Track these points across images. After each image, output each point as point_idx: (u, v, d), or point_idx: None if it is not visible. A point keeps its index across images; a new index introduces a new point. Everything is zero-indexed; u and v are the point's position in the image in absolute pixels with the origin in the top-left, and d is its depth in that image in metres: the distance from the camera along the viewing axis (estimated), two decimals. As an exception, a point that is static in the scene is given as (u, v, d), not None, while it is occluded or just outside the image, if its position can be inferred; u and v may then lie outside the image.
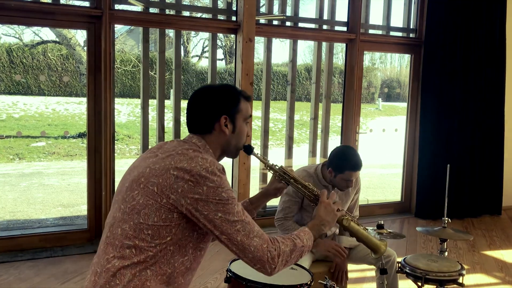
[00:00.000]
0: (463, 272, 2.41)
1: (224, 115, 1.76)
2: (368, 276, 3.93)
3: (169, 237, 1.64)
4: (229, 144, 1.81)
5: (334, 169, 2.86)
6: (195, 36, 23.60)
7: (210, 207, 1.60)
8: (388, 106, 24.64)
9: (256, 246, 1.62)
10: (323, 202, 1.89)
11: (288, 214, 2.92)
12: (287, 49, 5.21)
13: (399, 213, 5.86)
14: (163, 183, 1.62)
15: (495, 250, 4.66)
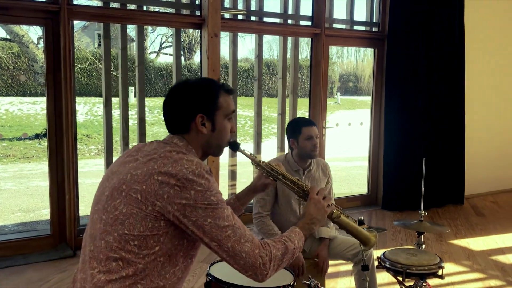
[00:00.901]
0: (442, 264, 2.43)
1: (200, 114, 1.64)
2: (342, 271, 3.93)
3: (157, 247, 1.53)
4: (209, 143, 1.69)
5: (293, 136, 2.89)
6: (152, 32, 23.17)
7: (199, 213, 1.50)
8: (347, 100, 25.05)
9: (247, 252, 1.53)
10: (312, 199, 1.79)
11: (264, 206, 2.87)
12: (248, 44, 5.14)
13: (366, 206, 5.92)
14: (147, 189, 1.51)
15: (461, 239, 4.76)
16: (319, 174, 3.02)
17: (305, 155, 2.91)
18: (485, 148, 6.48)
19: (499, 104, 6.61)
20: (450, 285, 3.67)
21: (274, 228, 2.83)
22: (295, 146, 2.90)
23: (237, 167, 5.28)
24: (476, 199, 6.33)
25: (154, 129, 14.28)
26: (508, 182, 6.84)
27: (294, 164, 2.93)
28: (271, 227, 2.83)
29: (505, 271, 4.00)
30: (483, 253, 4.39)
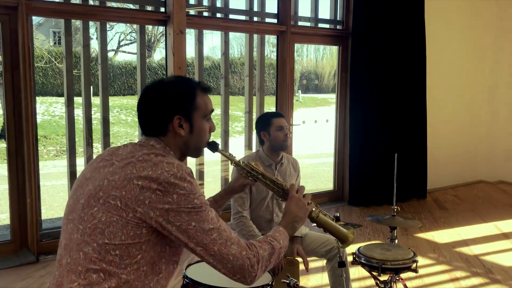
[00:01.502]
0: (416, 258, 2.46)
1: (177, 115, 1.57)
2: (313, 268, 3.94)
3: (140, 255, 1.46)
4: (187, 145, 1.62)
5: (264, 128, 2.91)
6: (110, 30, 22.66)
7: (183, 217, 1.44)
8: (308, 97, 25.30)
9: (235, 255, 1.48)
10: (293, 198, 1.75)
11: (243, 205, 2.84)
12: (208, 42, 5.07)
13: (333, 202, 5.98)
14: (126, 195, 1.43)
15: (426, 232, 4.88)
16: (290, 169, 3.03)
17: (277, 146, 2.91)
18: (445, 144, 6.67)
19: (459, 101, 6.81)
20: (419, 278, 3.75)
21: (254, 230, 2.81)
22: (266, 139, 2.91)
23: (204, 166, 5.22)
24: (438, 193, 6.50)
25: (114, 129, 13.97)
26: (467, 176, 7.07)
27: (266, 159, 2.93)
28: (252, 228, 2.80)
29: (469, 262, 4.12)
30: (447, 246, 4.51)
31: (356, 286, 3.59)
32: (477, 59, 6.94)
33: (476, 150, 7.14)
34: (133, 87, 19.41)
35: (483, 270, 3.95)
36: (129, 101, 17.84)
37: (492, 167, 7.11)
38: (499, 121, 7.05)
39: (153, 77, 19.15)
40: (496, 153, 7.07)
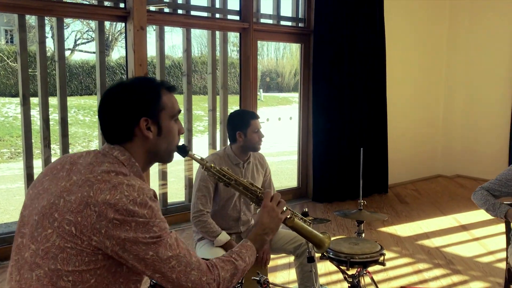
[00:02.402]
0: (383, 251, 2.48)
1: (144, 117, 1.46)
2: (280, 264, 3.95)
3: (93, 279, 1.37)
4: (157, 149, 1.52)
5: (241, 129, 2.84)
6: (66, 28, 22.03)
7: (140, 247, 1.35)
8: (269, 96, 25.41)
9: (194, 281, 1.41)
10: (266, 207, 1.66)
11: (206, 204, 2.79)
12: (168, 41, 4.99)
13: (298, 198, 6.02)
14: (82, 222, 1.34)
15: (388, 226, 4.97)
16: (257, 166, 3.01)
17: (251, 147, 2.88)
18: (405, 140, 6.83)
19: (417, 98, 6.99)
20: (384, 271, 3.80)
21: (215, 226, 2.76)
22: (241, 139, 2.85)
23: (167, 166, 5.13)
24: (398, 188, 6.64)
25: (72, 130, 13.57)
26: (426, 171, 7.26)
27: (234, 157, 2.89)
28: (212, 225, 2.75)
29: (431, 254, 4.22)
30: (410, 239, 4.61)
31: (323, 281, 3.61)
32: (434, 57, 7.14)
33: (434, 146, 7.34)
34: (91, 87, 18.92)
35: (444, 261, 4.05)
36: (86, 101, 17.38)
37: (450, 162, 7.33)
38: (455, 118, 7.27)
39: (112, 76, 18.74)
40: (453, 148, 7.29)
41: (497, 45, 6.74)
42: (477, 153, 7.02)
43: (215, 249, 2.69)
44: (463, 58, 7.10)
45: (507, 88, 6.62)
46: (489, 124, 6.90)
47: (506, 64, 6.62)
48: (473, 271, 3.84)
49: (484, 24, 6.84)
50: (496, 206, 2.73)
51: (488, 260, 4.09)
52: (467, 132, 7.14)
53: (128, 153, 1.48)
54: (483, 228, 4.90)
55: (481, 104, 6.98)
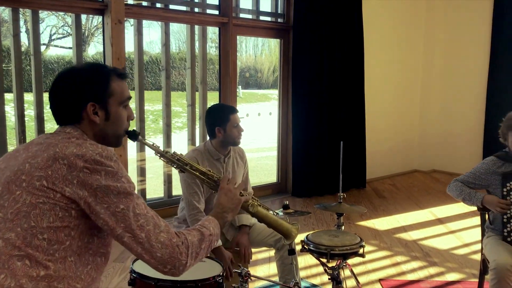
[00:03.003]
0: (363, 243, 2.51)
1: (91, 102, 1.50)
2: (260, 259, 3.96)
3: (68, 242, 1.39)
4: (104, 133, 1.55)
5: (220, 124, 2.81)
6: (41, 23, 21.60)
7: (111, 198, 1.39)
8: (248, 93, 25.40)
9: (163, 242, 1.42)
10: (223, 189, 1.72)
11: (199, 201, 2.75)
12: (146, 37, 4.94)
13: (277, 194, 6.04)
14: (53, 175, 1.37)
15: (367, 220, 5.03)
16: (238, 160, 2.99)
17: (231, 142, 2.86)
18: (382, 136, 6.91)
19: (394, 94, 7.08)
20: (362, 264, 3.85)
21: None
22: (221, 134, 2.82)
23: (145, 162, 5.09)
24: (376, 183, 6.72)
25: (48, 126, 13.34)
26: (403, 166, 7.37)
27: (215, 152, 2.86)
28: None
29: (408, 247, 4.28)
30: (387, 232, 4.67)
31: (303, 275, 3.63)
32: (411, 54, 7.23)
33: (411, 142, 7.45)
34: (67, 82, 18.59)
35: (421, 254, 4.12)
36: (62, 97, 17.09)
37: (426, 157, 7.45)
38: (431, 115, 7.39)
39: (88, 72, 18.44)
40: (429, 144, 7.41)
41: (472, 44, 6.87)
42: (453, 148, 7.15)
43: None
44: (440, 56, 7.22)
45: (481, 86, 6.75)
46: (464, 121, 7.04)
47: (481, 62, 6.74)
48: (449, 263, 3.92)
49: (460, 22, 6.96)
50: (472, 195, 2.79)
51: (464, 252, 4.17)
52: (443, 128, 7.27)
53: (80, 130, 1.51)
54: (458, 221, 5.00)
55: (457, 102, 7.10)
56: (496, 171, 2.80)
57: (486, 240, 2.84)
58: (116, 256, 3.91)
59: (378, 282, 3.55)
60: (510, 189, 2.66)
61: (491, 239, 2.78)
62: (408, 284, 3.51)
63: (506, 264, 2.47)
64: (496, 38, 6.51)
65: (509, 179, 2.67)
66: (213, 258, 2.22)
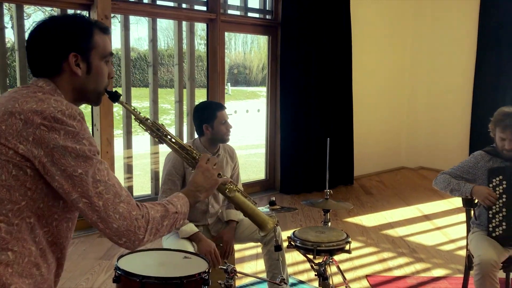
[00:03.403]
0: (349, 239, 2.51)
1: (73, 52, 1.42)
2: (247, 255, 3.95)
3: (24, 202, 1.31)
4: (85, 87, 1.46)
5: (208, 121, 2.79)
6: (27, 18, 21.34)
7: (68, 161, 1.29)
8: (237, 90, 25.37)
9: (122, 213, 1.33)
10: (201, 166, 1.64)
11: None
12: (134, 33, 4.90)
13: (265, 191, 6.03)
14: (7, 130, 1.28)
15: (354, 217, 5.05)
16: (227, 159, 2.98)
17: (219, 139, 2.84)
18: (370, 133, 6.94)
19: (382, 92, 7.10)
20: (349, 260, 3.86)
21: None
22: (209, 132, 2.80)
23: (132, 159, 5.05)
24: (363, 180, 6.75)
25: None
26: (391, 163, 7.40)
27: (203, 150, 2.83)
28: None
29: (395, 243, 4.31)
30: (374, 229, 4.69)
31: (290, 271, 3.63)
32: (399, 53, 7.26)
33: (398, 139, 7.49)
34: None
35: (408, 250, 4.14)
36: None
37: (413, 155, 7.50)
38: (419, 112, 7.44)
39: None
40: (417, 141, 7.46)
41: (459, 42, 6.91)
42: (440, 146, 7.20)
43: (181, 241, 2.65)
44: (427, 54, 7.26)
45: (468, 84, 6.79)
46: (451, 119, 7.09)
47: (467, 61, 6.79)
48: (435, 259, 3.95)
49: (447, 20, 7.00)
50: (461, 185, 2.79)
51: (450, 248, 4.21)
52: (430, 126, 7.32)
53: (53, 85, 1.42)
54: (444, 218, 5.04)
55: (444, 100, 7.15)
56: (483, 166, 2.82)
57: (471, 236, 2.86)
58: (102, 253, 3.88)
59: (364, 278, 3.56)
60: (496, 185, 2.68)
61: (476, 234, 2.80)
62: (395, 280, 3.53)
63: (490, 259, 2.49)
64: (483, 36, 6.56)
65: (495, 174, 2.69)
66: (199, 255, 2.21)
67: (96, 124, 4.43)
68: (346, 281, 2.90)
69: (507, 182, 2.64)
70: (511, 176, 2.63)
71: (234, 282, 2.25)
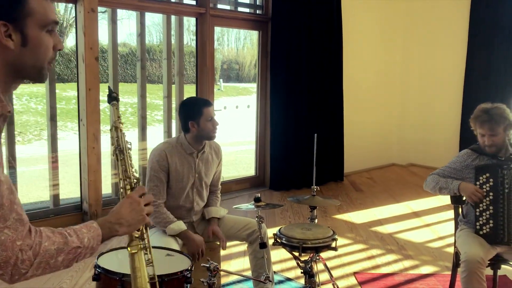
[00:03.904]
0: (335, 237, 2.48)
1: (2, 21, 1.18)
2: (235, 252, 3.91)
3: None
4: (20, 62, 1.23)
5: (193, 118, 2.71)
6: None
7: None
8: (229, 87, 25.30)
9: (3, 242, 1.13)
10: (131, 197, 1.42)
11: (158, 195, 2.69)
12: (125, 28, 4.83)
13: (255, 187, 5.99)
14: None
15: (343, 214, 5.02)
16: (212, 156, 2.91)
17: (205, 136, 2.76)
18: (360, 129, 6.92)
19: (373, 88, 7.08)
20: (337, 258, 3.83)
21: (169, 216, 2.67)
22: (195, 128, 2.72)
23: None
24: (354, 176, 6.74)
25: (23, 118, 13.07)
26: (381, 159, 7.40)
27: (188, 147, 2.76)
28: (166, 215, 2.66)
29: (384, 240, 4.29)
30: (364, 225, 4.67)
31: (277, 268, 3.60)
32: (391, 49, 7.24)
33: (389, 136, 7.47)
34: (44, 74, 18.18)
35: (396, 247, 4.12)
36: (39, 89, 16.75)
37: (404, 151, 7.49)
38: (410, 109, 7.43)
39: (66, 63, 18.13)
40: (407, 138, 7.45)
41: (450, 41, 6.90)
42: (430, 143, 7.20)
43: (167, 238, 2.60)
44: (419, 53, 7.24)
45: (458, 82, 6.79)
46: (441, 116, 7.08)
47: (458, 59, 6.78)
48: (424, 256, 3.93)
49: (439, 19, 6.99)
50: (448, 182, 2.78)
51: (438, 245, 4.20)
52: (421, 123, 7.31)
53: None
54: (434, 215, 5.03)
55: (435, 97, 7.15)
56: (470, 164, 2.80)
57: (459, 233, 2.84)
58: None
59: (352, 276, 3.54)
60: (483, 182, 2.66)
61: (463, 232, 2.78)
62: (383, 278, 3.51)
63: (476, 256, 2.47)
64: (473, 34, 6.55)
65: (482, 172, 2.67)
66: (182, 252, 2.16)
67: (82, 119, 4.37)
68: (333, 278, 2.86)
69: (493, 180, 2.62)
70: (498, 173, 2.61)
71: (218, 280, 2.22)
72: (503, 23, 6.25)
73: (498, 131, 2.68)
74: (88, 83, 4.29)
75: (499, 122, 2.67)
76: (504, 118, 2.68)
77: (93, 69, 4.30)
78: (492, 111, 2.69)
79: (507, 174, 2.60)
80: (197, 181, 2.80)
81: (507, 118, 2.69)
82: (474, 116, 2.78)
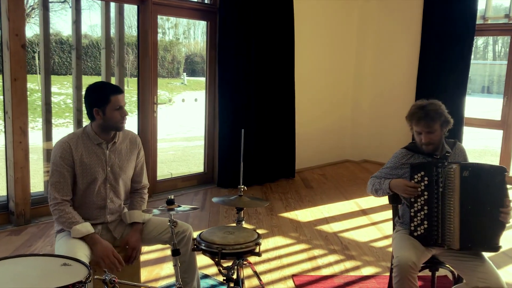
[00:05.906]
0: (259, 241, 2.30)
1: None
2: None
3: None
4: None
5: (99, 105, 2.44)
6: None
7: None
8: (193, 80, 24.93)
9: None
10: None
11: (61, 191, 2.42)
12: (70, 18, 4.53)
13: (203, 184, 5.78)
14: None
15: (290, 212, 4.87)
16: (127, 146, 2.64)
17: (112, 126, 2.50)
18: (313, 125, 6.79)
19: (325, 84, 6.96)
20: (278, 259, 3.67)
21: (75, 216, 2.41)
22: (99, 117, 2.46)
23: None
24: (306, 173, 6.60)
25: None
26: (335, 156, 7.30)
27: (94, 137, 2.51)
28: (71, 215, 2.40)
29: (328, 240, 4.15)
30: (309, 224, 4.53)
31: (213, 272, 3.40)
32: (343, 46, 7.13)
33: (343, 132, 7.38)
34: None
35: (340, 247, 3.99)
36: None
37: (357, 148, 7.42)
38: (363, 105, 7.35)
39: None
40: (361, 134, 7.38)
41: (403, 38, 6.83)
42: (383, 139, 7.14)
43: (73, 241, 2.34)
44: (372, 49, 7.16)
45: (411, 79, 6.73)
46: (394, 113, 7.01)
47: (411, 57, 6.73)
48: (367, 256, 3.82)
49: (392, 16, 6.91)
50: (381, 183, 2.68)
51: (383, 244, 4.09)
52: (375, 119, 7.24)
53: None
54: (381, 213, 4.94)
55: (388, 93, 7.09)
56: (406, 163, 2.69)
57: (394, 235, 2.72)
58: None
59: (290, 279, 3.37)
60: (418, 181, 2.53)
61: (398, 234, 2.66)
62: (321, 280, 3.36)
63: (408, 261, 2.34)
64: (426, 32, 6.48)
65: (417, 170, 2.55)
66: (79, 261, 1.92)
67: (8, 111, 4.04)
68: (262, 282, 2.69)
69: (429, 179, 2.50)
70: (432, 171, 2.49)
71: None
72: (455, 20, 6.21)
73: (435, 127, 2.56)
74: (13, 72, 3.96)
75: (435, 118, 2.55)
76: (439, 114, 2.56)
77: (19, 57, 3.98)
78: (428, 107, 2.57)
79: (441, 172, 2.47)
80: (110, 175, 2.54)
81: (443, 114, 2.57)
82: (409, 113, 2.66)
